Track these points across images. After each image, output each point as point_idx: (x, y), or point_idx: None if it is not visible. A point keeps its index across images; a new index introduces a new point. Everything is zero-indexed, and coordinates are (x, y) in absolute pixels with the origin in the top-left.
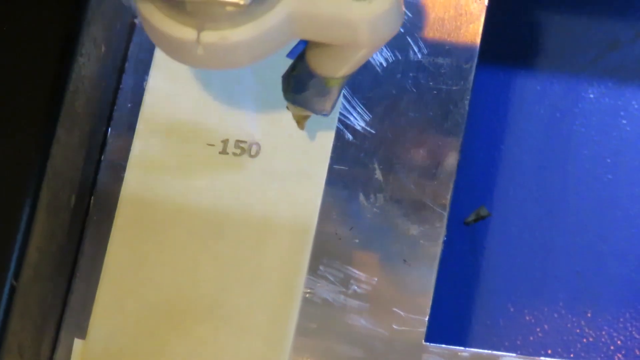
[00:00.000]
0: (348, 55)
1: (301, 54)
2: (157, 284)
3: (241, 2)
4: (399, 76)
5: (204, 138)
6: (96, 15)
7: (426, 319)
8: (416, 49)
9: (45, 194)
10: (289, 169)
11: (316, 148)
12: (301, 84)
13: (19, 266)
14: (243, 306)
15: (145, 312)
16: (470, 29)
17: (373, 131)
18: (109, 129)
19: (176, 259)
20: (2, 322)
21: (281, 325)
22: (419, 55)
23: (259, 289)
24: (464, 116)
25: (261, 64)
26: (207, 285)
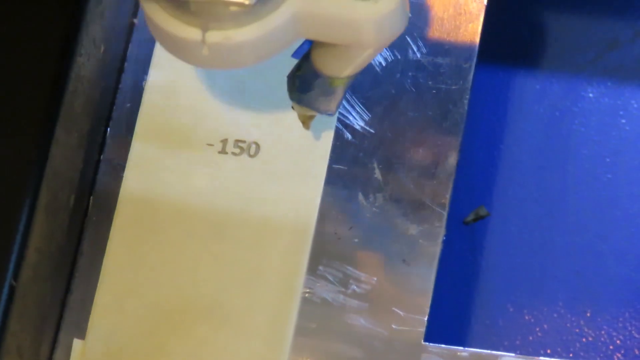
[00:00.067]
0: (353, 55)
1: (306, 53)
2: (156, 284)
3: (246, 2)
4: (398, 76)
5: (203, 138)
6: (95, 15)
7: (425, 318)
8: (415, 49)
9: (44, 194)
10: (288, 168)
11: (315, 148)
12: (306, 83)
13: (18, 267)
14: (242, 306)
15: (144, 312)
16: (470, 28)
17: (372, 131)
18: (108, 129)
19: (175, 258)
20: (2, 323)
21: (280, 325)
22: (418, 55)
23: (258, 288)
24: (463, 116)
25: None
26: (206, 285)
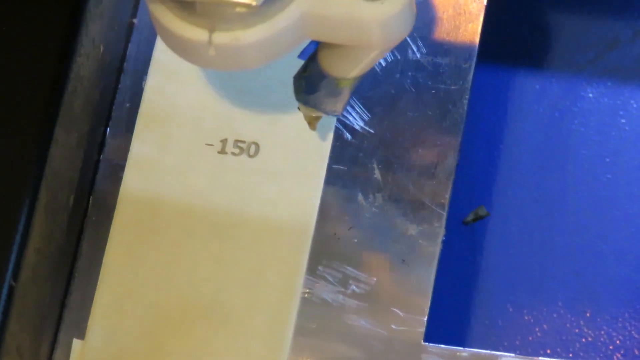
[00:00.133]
0: (360, 56)
1: (313, 54)
2: (156, 284)
3: (253, 3)
4: (397, 76)
5: (202, 138)
6: (94, 16)
7: (425, 318)
8: (415, 49)
9: (43, 194)
10: (287, 168)
11: (315, 148)
12: (313, 84)
13: (17, 267)
14: (242, 306)
15: (144, 312)
16: (469, 28)
17: (372, 131)
18: (108, 129)
19: (175, 259)
20: (1, 323)
21: (280, 325)
22: (418, 55)
23: (258, 288)
24: (463, 116)
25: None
26: (206, 285)
